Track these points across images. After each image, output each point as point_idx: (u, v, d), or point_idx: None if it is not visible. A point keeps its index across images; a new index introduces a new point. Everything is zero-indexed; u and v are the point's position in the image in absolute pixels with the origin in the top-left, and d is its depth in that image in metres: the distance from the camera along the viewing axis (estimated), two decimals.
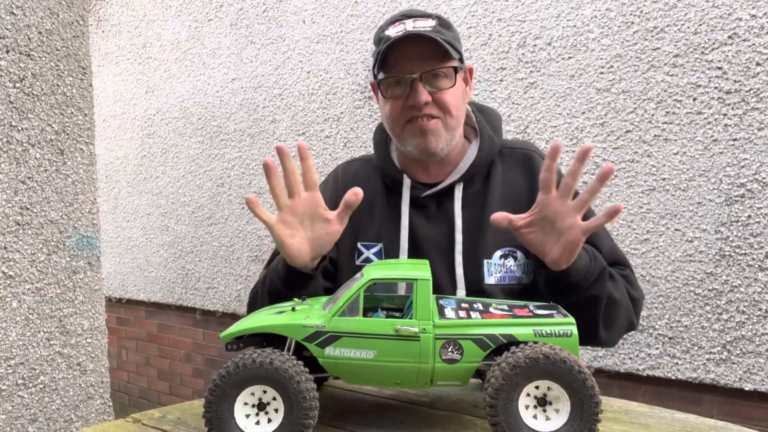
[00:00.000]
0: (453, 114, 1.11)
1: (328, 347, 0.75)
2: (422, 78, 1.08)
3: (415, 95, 1.08)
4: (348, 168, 1.30)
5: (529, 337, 0.74)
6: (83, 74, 1.62)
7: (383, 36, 1.12)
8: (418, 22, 1.09)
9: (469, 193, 1.17)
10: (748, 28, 1.73)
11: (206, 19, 3.12)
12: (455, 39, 1.14)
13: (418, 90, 1.08)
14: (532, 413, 0.71)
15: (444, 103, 1.10)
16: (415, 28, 1.08)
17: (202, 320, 3.29)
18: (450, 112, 1.11)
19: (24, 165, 1.48)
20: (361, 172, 1.28)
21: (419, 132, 1.11)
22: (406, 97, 1.10)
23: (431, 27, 1.09)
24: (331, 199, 1.26)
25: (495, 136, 1.20)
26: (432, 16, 1.12)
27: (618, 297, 1.06)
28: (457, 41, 1.14)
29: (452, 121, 1.12)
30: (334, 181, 1.29)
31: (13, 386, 1.46)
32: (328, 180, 1.31)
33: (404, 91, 1.10)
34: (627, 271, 1.15)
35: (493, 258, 1.13)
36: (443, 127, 1.11)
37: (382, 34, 1.13)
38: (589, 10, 1.99)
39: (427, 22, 1.10)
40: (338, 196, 1.25)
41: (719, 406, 1.85)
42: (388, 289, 0.94)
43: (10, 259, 1.45)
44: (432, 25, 1.10)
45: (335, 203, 1.25)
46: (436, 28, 1.09)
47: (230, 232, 3.08)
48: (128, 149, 3.58)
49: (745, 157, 1.75)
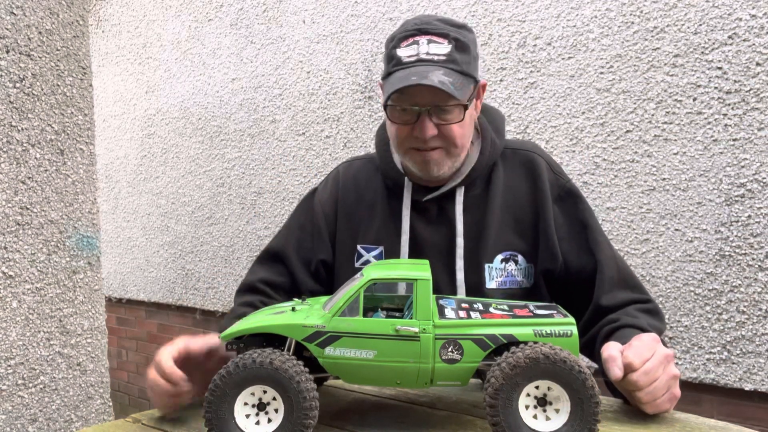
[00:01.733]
0: (458, 145, 1.09)
1: (328, 347, 0.75)
2: (430, 111, 1.05)
3: (422, 129, 1.05)
4: (349, 168, 1.29)
5: (529, 337, 0.74)
6: (83, 74, 1.62)
7: (394, 56, 1.07)
8: (432, 46, 1.05)
9: (471, 197, 1.16)
10: (748, 28, 1.73)
11: (206, 19, 3.12)
12: (470, 62, 1.08)
13: (425, 125, 1.05)
14: (532, 413, 0.71)
15: (450, 136, 1.07)
16: (429, 54, 1.04)
17: (202, 320, 3.29)
18: (455, 144, 1.08)
19: (24, 165, 1.48)
20: (363, 172, 1.26)
21: (422, 161, 1.10)
22: (412, 126, 1.07)
23: (445, 55, 1.04)
24: (330, 199, 1.25)
25: (497, 138, 1.19)
26: (449, 37, 1.05)
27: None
28: (473, 63, 1.09)
29: (456, 150, 1.10)
30: (334, 181, 1.28)
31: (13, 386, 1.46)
32: (328, 179, 1.30)
33: (410, 119, 1.07)
34: (653, 304, 1.10)
35: (494, 262, 1.12)
36: (446, 155, 1.10)
37: (393, 51, 1.08)
38: (589, 10, 1.99)
39: (441, 47, 1.05)
40: (337, 197, 1.24)
41: (719, 406, 1.85)
42: (388, 289, 0.94)
43: (10, 259, 1.45)
44: (446, 51, 1.04)
45: (334, 203, 1.24)
46: (451, 56, 1.04)
47: (230, 232, 3.08)
48: (128, 149, 3.58)
49: (745, 157, 1.75)
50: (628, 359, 0.83)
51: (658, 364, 0.85)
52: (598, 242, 1.12)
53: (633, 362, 0.83)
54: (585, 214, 1.15)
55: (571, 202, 1.15)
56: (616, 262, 1.13)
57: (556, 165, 1.19)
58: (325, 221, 1.23)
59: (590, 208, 1.18)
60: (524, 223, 1.14)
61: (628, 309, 1.06)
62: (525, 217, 1.14)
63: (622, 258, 1.17)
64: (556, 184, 1.16)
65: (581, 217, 1.15)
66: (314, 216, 1.24)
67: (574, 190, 1.17)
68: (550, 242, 1.11)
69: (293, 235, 1.25)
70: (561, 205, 1.15)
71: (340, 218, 1.23)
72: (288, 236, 1.26)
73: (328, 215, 1.24)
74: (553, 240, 1.12)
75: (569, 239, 1.13)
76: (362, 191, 1.23)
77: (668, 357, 0.87)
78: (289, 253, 1.23)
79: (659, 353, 0.86)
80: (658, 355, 0.86)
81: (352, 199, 1.23)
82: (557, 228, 1.13)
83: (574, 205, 1.15)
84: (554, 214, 1.13)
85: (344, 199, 1.24)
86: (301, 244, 1.24)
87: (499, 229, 1.13)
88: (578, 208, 1.15)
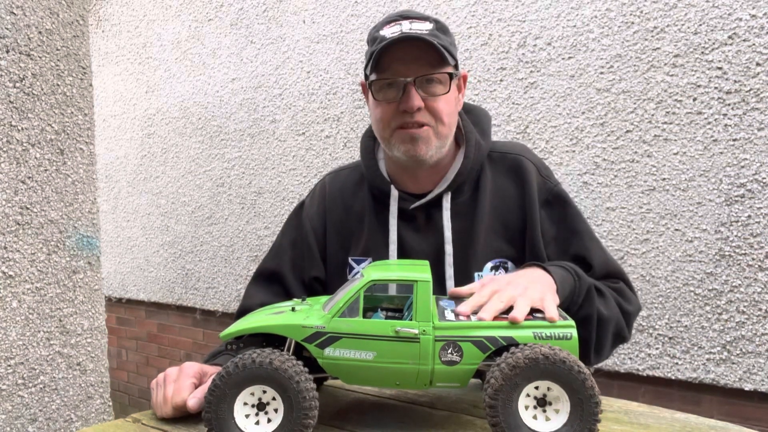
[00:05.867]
0: (445, 122, 1.07)
1: (328, 348, 0.75)
2: (416, 82, 1.04)
3: (408, 100, 1.04)
4: (335, 179, 1.26)
5: (529, 339, 0.74)
6: (83, 74, 1.62)
7: (377, 36, 1.08)
8: (414, 24, 1.06)
9: (458, 203, 1.14)
10: (748, 28, 1.73)
11: (206, 19, 3.12)
12: (451, 44, 1.10)
13: (411, 94, 1.04)
14: (532, 414, 0.71)
15: (436, 111, 1.06)
16: (412, 30, 1.04)
17: (202, 320, 3.29)
18: (442, 120, 1.07)
19: (24, 165, 1.48)
20: (349, 182, 1.24)
21: (409, 139, 1.07)
22: (398, 102, 1.06)
23: (428, 30, 1.05)
24: (318, 214, 1.22)
25: (482, 140, 1.16)
26: (429, 19, 1.08)
27: (606, 314, 1.04)
28: (453, 47, 1.11)
29: (443, 129, 1.08)
30: (321, 195, 1.25)
31: (13, 386, 1.46)
32: (315, 191, 1.27)
33: (396, 95, 1.06)
34: (620, 284, 1.12)
35: (484, 270, 1.11)
36: (434, 134, 1.08)
37: (376, 33, 1.09)
38: (589, 10, 1.99)
39: (423, 25, 1.06)
40: (324, 211, 1.21)
41: (719, 406, 1.85)
42: (387, 290, 0.94)
43: (10, 259, 1.45)
44: (429, 28, 1.06)
45: (322, 218, 1.22)
46: (433, 32, 1.06)
47: (230, 232, 3.08)
48: (128, 149, 3.58)
49: (745, 157, 1.75)
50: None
51: (488, 282, 0.86)
52: (588, 248, 1.12)
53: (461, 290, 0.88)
54: (573, 219, 1.14)
55: (559, 206, 1.14)
56: (607, 265, 1.13)
57: (544, 168, 1.17)
58: (315, 237, 1.21)
59: (579, 212, 1.16)
60: (513, 229, 1.12)
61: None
62: (514, 222, 1.13)
63: (614, 259, 1.16)
64: (543, 187, 1.14)
65: (569, 223, 1.13)
66: (304, 233, 1.22)
67: (562, 194, 1.15)
68: (536, 247, 1.10)
69: (286, 253, 1.23)
70: (548, 209, 1.13)
71: (329, 232, 1.21)
72: (281, 255, 1.23)
73: (317, 230, 1.21)
74: (539, 245, 1.10)
75: (555, 244, 1.12)
76: (349, 203, 1.21)
77: (516, 280, 0.86)
78: (285, 272, 1.21)
79: (501, 278, 0.88)
80: (496, 279, 0.88)
81: (340, 212, 1.21)
82: (544, 232, 1.11)
83: (562, 209, 1.14)
84: (541, 218, 1.12)
85: (332, 212, 1.22)
86: (295, 262, 1.22)
87: (488, 235, 1.11)
88: (566, 213, 1.14)
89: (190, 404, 0.85)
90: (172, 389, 0.89)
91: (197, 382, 0.91)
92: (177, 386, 0.89)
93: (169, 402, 0.88)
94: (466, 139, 1.16)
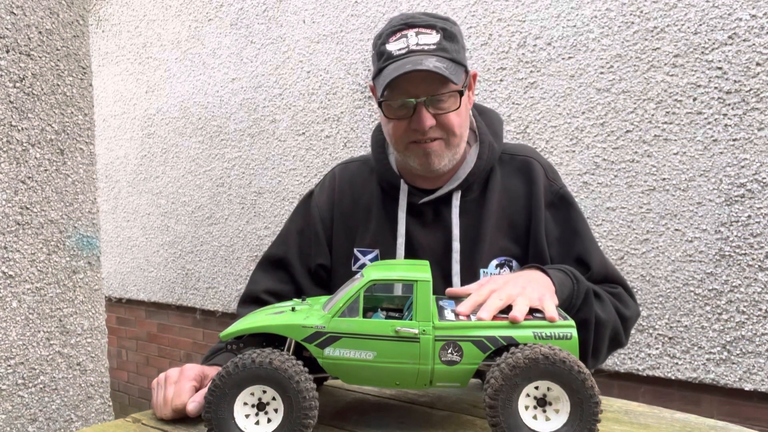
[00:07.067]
0: (456, 133, 1.08)
1: (328, 348, 0.75)
2: (426, 102, 1.04)
3: (419, 121, 1.05)
4: (345, 170, 1.27)
5: (529, 339, 0.74)
6: (83, 74, 1.62)
7: (384, 51, 1.07)
8: (421, 37, 1.04)
9: (467, 201, 1.15)
10: (748, 28, 1.73)
11: (206, 19, 3.12)
12: (460, 51, 1.09)
13: (423, 115, 1.04)
14: (532, 414, 0.71)
15: (448, 125, 1.07)
16: (418, 45, 1.03)
17: (202, 320, 3.29)
18: (453, 132, 1.08)
19: (24, 165, 1.48)
20: (358, 174, 1.25)
21: (422, 154, 1.08)
22: (409, 120, 1.06)
23: (435, 44, 1.04)
24: (326, 203, 1.24)
25: (495, 142, 1.18)
26: (436, 28, 1.06)
27: (604, 318, 1.04)
28: (462, 52, 1.10)
29: (455, 139, 1.09)
30: (330, 185, 1.26)
31: (13, 386, 1.46)
32: (324, 181, 1.29)
33: (407, 113, 1.06)
34: (618, 289, 1.13)
35: (489, 267, 1.12)
36: (446, 146, 1.09)
37: (382, 47, 1.08)
38: (589, 10, 1.99)
39: (430, 37, 1.05)
40: (333, 201, 1.23)
41: (719, 406, 1.85)
42: (387, 290, 0.94)
43: (10, 259, 1.45)
44: (435, 41, 1.04)
45: (330, 207, 1.23)
46: (441, 44, 1.05)
47: (230, 232, 3.08)
48: (128, 149, 3.58)
49: (745, 157, 1.75)
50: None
51: (486, 282, 0.87)
52: (589, 251, 1.13)
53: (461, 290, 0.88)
54: (576, 222, 1.15)
55: (564, 208, 1.16)
56: (606, 268, 1.14)
57: (552, 171, 1.19)
58: (323, 225, 1.23)
59: (582, 215, 1.18)
60: (519, 228, 1.14)
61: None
62: (520, 222, 1.14)
63: (611, 263, 1.18)
64: (549, 189, 1.16)
65: (572, 224, 1.15)
66: (312, 220, 1.23)
67: (567, 196, 1.17)
68: (540, 247, 1.12)
69: (293, 240, 1.24)
70: (553, 210, 1.15)
71: (336, 222, 1.22)
72: (288, 242, 1.25)
73: (325, 219, 1.23)
74: (542, 245, 1.12)
75: (558, 245, 1.13)
76: (358, 194, 1.22)
77: (514, 279, 0.87)
78: (292, 259, 1.22)
79: (497, 278, 0.89)
80: (495, 278, 0.88)
81: (348, 203, 1.22)
82: (547, 233, 1.13)
83: (566, 211, 1.16)
84: (545, 218, 1.13)
85: (340, 202, 1.23)
86: (302, 249, 1.23)
87: (494, 234, 1.13)
88: (570, 215, 1.15)
89: (190, 408, 0.86)
90: (173, 391, 0.89)
91: (198, 385, 0.91)
92: (177, 389, 0.89)
93: (168, 404, 0.88)
94: (480, 140, 1.17)
